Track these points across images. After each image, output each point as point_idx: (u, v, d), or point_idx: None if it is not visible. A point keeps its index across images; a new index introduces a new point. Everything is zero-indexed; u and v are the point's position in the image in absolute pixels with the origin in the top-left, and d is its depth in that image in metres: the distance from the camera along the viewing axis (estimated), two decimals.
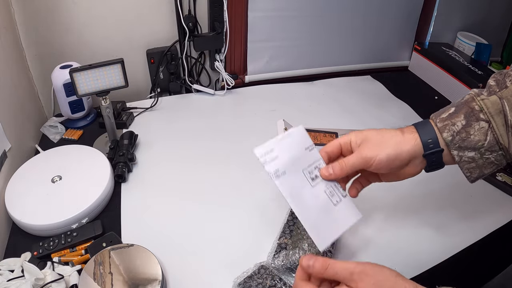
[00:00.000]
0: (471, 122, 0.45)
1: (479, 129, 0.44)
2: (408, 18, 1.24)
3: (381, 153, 0.46)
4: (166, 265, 0.59)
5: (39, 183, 0.69)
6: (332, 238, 0.49)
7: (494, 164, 0.46)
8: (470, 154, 0.45)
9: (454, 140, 0.45)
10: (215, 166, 0.81)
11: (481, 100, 0.45)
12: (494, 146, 0.45)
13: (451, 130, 0.46)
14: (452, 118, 0.46)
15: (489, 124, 0.44)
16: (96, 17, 0.92)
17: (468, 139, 0.45)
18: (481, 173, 0.47)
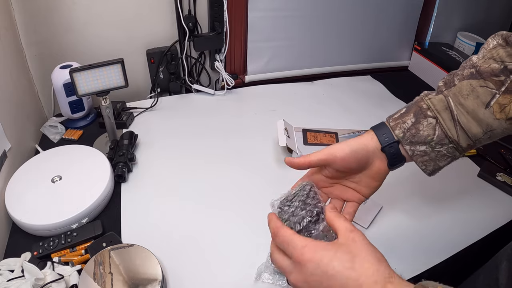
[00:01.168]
0: (420, 119, 0.49)
1: (428, 125, 0.48)
2: (408, 18, 1.24)
3: (343, 145, 0.50)
4: (166, 265, 0.59)
5: (39, 183, 0.69)
6: None
7: (447, 156, 0.49)
8: (421, 148, 0.49)
9: (405, 136, 0.49)
10: (215, 166, 0.81)
11: (428, 100, 0.49)
12: (443, 140, 0.48)
13: (402, 128, 0.49)
14: (403, 117, 0.50)
15: (436, 120, 0.48)
16: (96, 17, 0.92)
17: (418, 134, 0.48)
18: (436, 165, 0.50)
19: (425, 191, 0.77)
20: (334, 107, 1.05)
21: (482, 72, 0.48)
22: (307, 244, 0.38)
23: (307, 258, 0.37)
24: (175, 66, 1.02)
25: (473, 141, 0.48)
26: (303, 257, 0.38)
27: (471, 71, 0.49)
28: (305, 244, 0.38)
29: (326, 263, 0.36)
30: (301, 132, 0.86)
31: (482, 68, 0.48)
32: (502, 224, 0.71)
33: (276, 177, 0.79)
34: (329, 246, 0.38)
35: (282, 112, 1.01)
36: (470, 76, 0.48)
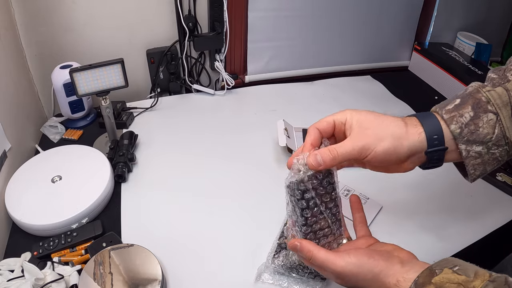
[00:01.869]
0: (479, 113, 0.42)
1: (488, 122, 0.42)
2: (408, 18, 1.24)
3: (378, 145, 0.42)
4: (166, 265, 0.59)
5: (39, 183, 0.69)
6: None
7: (497, 160, 0.44)
8: (477, 148, 0.42)
9: (462, 133, 0.42)
10: (215, 166, 0.81)
11: (487, 92, 0.43)
12: (500, 140, 0.42)
13: (459, 122, 0.42)
14: (459, 109, 0.43)
15: (497, 117, 0.42)
16: (96, 17, 0.92)
17: (477, 131, 0.42)
18: (484, 170, 0.45)
19: (425, 191, 0.77)
20: (334, 107, 1.05)
21: None
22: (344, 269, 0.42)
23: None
24: (175, 66, 1.02)
25: None
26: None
27: None
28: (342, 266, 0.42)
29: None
30: (301, 132, 0.86)
31: None
32: (502, 224, 0.71)
33: (276, 177, 0.78)
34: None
35: (282, 112, 1.01)
36: None
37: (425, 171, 0.48)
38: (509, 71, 0.44)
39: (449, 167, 0.82)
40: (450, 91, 1.13)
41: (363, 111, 0.47)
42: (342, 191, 0.75)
